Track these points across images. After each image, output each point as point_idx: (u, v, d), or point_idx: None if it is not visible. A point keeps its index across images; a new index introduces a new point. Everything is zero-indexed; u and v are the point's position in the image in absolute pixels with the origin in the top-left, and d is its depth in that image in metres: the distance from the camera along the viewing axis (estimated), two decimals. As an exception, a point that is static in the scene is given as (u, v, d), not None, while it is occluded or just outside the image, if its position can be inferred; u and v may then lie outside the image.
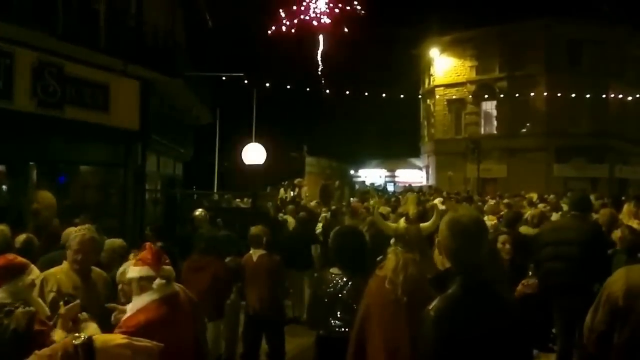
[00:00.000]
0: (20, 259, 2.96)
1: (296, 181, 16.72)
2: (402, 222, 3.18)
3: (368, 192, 23.76)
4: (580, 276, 4.63)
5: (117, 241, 4.79)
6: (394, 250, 3.06)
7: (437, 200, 11.16)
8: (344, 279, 3.55)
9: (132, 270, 2.98)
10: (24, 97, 7.64)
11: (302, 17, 36.41)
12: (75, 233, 3.79)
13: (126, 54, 9.19)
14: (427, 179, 33.99)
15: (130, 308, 2.85)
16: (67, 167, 9.17)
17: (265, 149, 9.65)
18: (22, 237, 4.75)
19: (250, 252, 5.85)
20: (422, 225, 3.16)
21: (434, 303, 2.10)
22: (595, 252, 4.71)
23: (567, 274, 4.75)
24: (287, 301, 7.31)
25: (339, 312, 3.49)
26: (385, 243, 3.22)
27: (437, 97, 33.05)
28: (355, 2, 35.29)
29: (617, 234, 5.15)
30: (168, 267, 3.05)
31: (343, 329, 3.40)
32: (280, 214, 10.53)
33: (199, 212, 7.49)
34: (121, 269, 3.62)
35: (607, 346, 2.80)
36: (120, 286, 3.49)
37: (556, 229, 5.34)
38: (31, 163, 8.26)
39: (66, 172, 9.15)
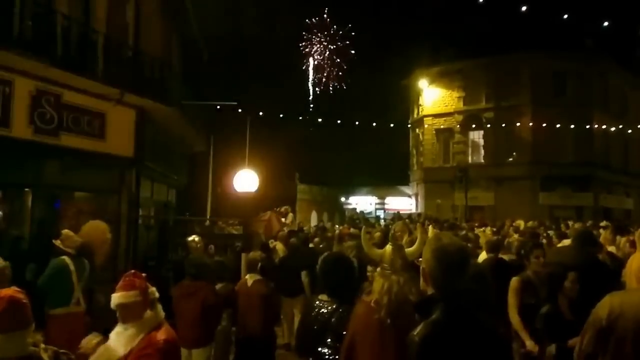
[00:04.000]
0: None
1: (283, 208, 16.80)
2: (388, 247, 3.24)
3: (359, 219, 23.94)
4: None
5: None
6: (381, 273, 3.12)
7: (430, 228, 11.25)
8: (333, 306, 3.52)
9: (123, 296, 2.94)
10: (22, 124, 7.77)
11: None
12: None
13: (123, 82, 9.38)
14: (416, 206, 34.17)
15: (135, 332, 2.91)
16: (62, 193, 9.23)
17: (258, 176, 9.75)
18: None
19: (246, 277, 5.88)
20: (407, 250, 3.22)
21: (418, 329, 2.12)
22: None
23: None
24: (277, 327, 7.34)
25: (328, 339, 3.43)
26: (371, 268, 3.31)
27: (426, 126, 33.51)
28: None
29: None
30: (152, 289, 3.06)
31: (333, 357, 3.37)
32: (271, 240, 10.58)
33: (192, 238, 7.47)
34: None
35: None
36: None
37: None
38: (27, 189, 8.34)
39: (61, 198, 9.20)
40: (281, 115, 24.79)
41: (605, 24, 18.86)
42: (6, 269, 4.33)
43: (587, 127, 28.21)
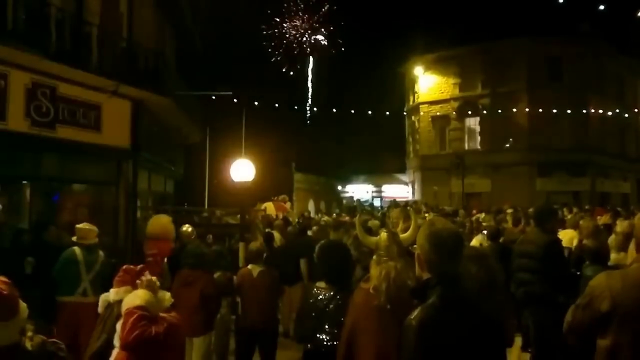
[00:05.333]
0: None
1: (280, 197, 16.86)
2: (383, 234, 3.28)
3: (355, 207, 24.03)
4: (542, 288, 4.79)
5: None
6: (377, 260, 3.15)
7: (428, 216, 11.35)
8: (331, 293, 3.57)
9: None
10: (18, 118, 7.77)
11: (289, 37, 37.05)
12: None
13: (118, 74, 9.37)
14: (413, 194, 34.27)
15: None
16: (60, 186, 9.26)
17: (254, 166, 9.81)
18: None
19: (249, 267, 5.92)
20: (401, 236, 3.28)
21: (415, 313, 2.16)
22: (550, 265, 4.83)
23: (530, 284, 4.93)
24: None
25: (326, 326, 3.50)
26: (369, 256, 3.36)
27: (422, 113, 33.49)
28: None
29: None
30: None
31: (331, 343, 3.42)
32: (268, 229, 10.63)
33: (185, 227, 7.54)
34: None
35: (587, 344, 2.86)
36: None
37: (521, 242, 5.47)
38: (24, 182, 8.37)
39: (59, 191, 9.24)
40: (276, 105, 24.73)
41: (601, 7, 18.83)
42: None
43: (584, 111, 28.23)
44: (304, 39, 38.61)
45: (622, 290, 2.72)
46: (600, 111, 28.70)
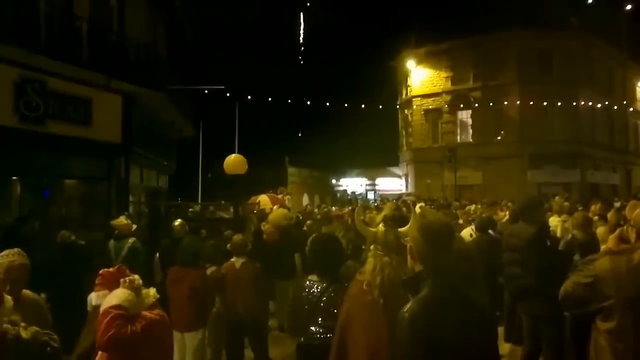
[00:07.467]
0: None
1: (279, 190, 16.84)
2: (381, 226, 3.21)
3: (350, 201, 24.09)
4: (535, 281, 4.72)
5: None
6: (373, 254, 3.10)
7: (417, 207, 11.37)
8: (323, 285, 3.55)
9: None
10: (7, 113, 7.70)
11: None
12: (1, 259, 3.08)
13: (109, 68, 9.29)
14: (407, 187, 34.38)
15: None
16: (51, 181, 9.19)
17: (248, 160, 9.81)
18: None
19: (232, 259, 5.94)
20: (400, 229, 3.17)
21: (408, 305, 2.15)
22: (536, 257, 4.77)
23: (522, 278, 4.89)
24: (271, 309, 7.42)
25: (319, 319, 3.48)
26: (364, 248, 3.32)
27: (415, 107, 33.55)
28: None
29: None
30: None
31: (324, 336, 3.39)
32: (263, 223, 10.61)
33: (177, 222, 7.52)
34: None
35: (581, 311, 2.98)
36: None
37: (509, 235, 5.38)
38: (14, 177, 8.29)
39: (50, 186, 9.16)
40: (269, 99, 24.63)
41: (590, 0, 18.88)
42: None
43: (574, 104, 28.40)
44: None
45: (626, 276, 2.76)
46: (590, 103, 28.87)
